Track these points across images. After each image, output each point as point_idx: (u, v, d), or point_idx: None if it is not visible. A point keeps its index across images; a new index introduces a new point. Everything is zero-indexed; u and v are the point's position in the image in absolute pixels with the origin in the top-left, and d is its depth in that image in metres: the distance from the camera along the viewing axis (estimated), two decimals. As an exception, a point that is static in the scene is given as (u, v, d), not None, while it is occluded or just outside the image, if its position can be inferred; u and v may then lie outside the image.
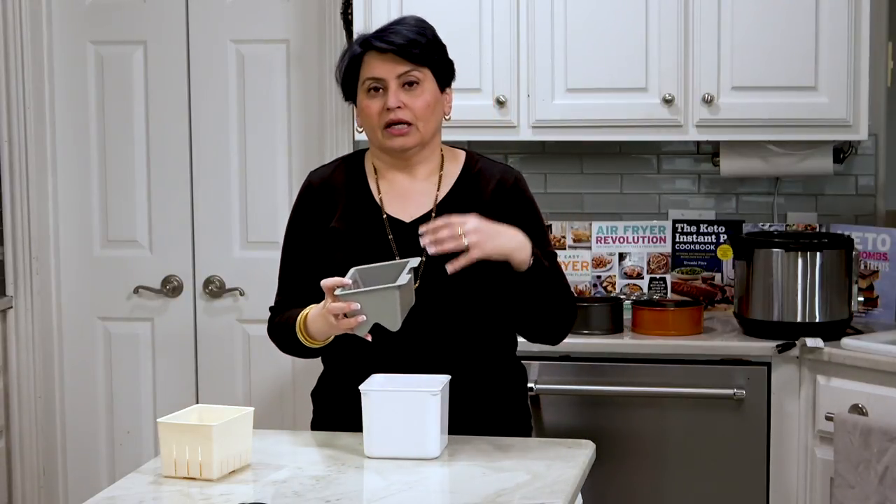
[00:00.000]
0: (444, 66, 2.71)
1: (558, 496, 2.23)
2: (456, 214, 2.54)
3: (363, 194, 2.73)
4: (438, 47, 2.70)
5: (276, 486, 2.30)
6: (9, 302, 4.32)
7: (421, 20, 2.72)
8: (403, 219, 2.69)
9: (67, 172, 4.42)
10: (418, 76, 2.64)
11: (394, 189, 2.73)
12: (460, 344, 2.66)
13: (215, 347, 4.42)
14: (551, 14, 3.81)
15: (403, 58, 2.63)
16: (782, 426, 3.59)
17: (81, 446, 4.49)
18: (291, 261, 2.78)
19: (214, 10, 4.33)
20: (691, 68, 3.77)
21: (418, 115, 2.65)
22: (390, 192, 2.72)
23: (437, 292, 2.63)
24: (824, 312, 3.65)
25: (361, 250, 2.65)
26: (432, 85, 2.67)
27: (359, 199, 2.73)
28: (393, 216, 2.70)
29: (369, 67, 2.65)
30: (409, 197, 2.71)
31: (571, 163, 4.23)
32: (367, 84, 2.66)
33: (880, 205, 4.12)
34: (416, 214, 2.70)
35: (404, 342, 2.60)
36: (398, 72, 2.63)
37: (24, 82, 4.29)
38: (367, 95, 2.66)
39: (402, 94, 2.64)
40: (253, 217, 4.38)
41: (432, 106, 2.67)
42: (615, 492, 3.66)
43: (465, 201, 2.69)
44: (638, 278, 4.16)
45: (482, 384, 2.69)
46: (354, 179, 2.75)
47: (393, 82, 2.63)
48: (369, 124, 2.68)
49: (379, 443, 2.45)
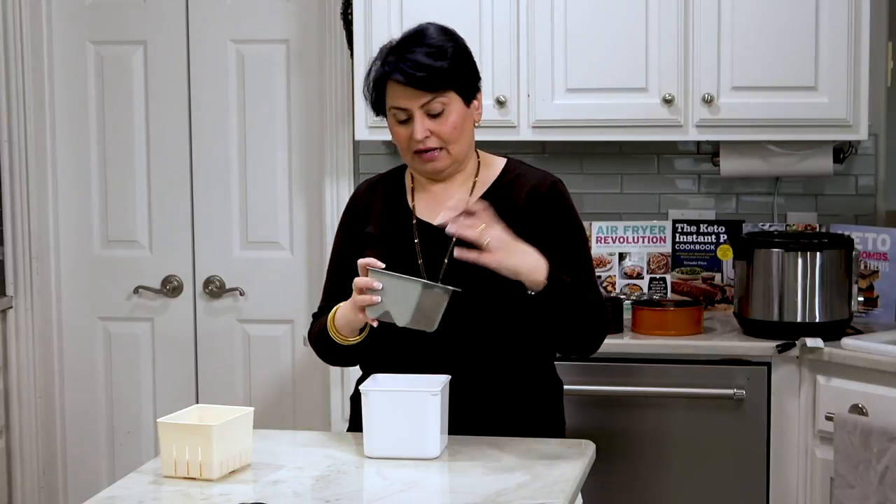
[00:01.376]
0: (469, 82, 2.65)
1: (558, 496, 2.23)
2: (491, 212, 2.50)
3: (399, 201, 2.74)
4: (461, 66, 2.63)
5: (276, 486, 2.30)
6: (9, 302, 4.32)
7: (442, 32, 2.65)
8: (432, 221, 2.67)
9: (67, 172, 4.42)
10: (443, 102, 2.59)
11: (428, 196, 2.73)
12: (492, 352, 2.63)
13: (215, 347, 4.42)
14: (551, 14, 3.81)
15: (425, 90, 2.58)
16: (782, 426, 3.59)
17: (81, 446, 4.49)
18: (334, 270, 2.79)
19: (214, 10, 4.33)
20: (691, 68, 3.77)
21: (447, 138, 2.62)
22: (423, 199, 2.73)
23: (470, 301, 2.59)
24: (824, 312, 3.65)
25: (388, 252, 2.64)
26: (458, 105, 2.62)
27: (394, 206, 2.74)
28: (422, 220, 2.70)
29: (392, 96, 2.61)
30: (442, 202, 2.68)
31: (571, 163, 4.23)
32: (394, 113, 2.62)
33: (880, 205, 4.12)
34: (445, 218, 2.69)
35: (438, 348, 2.59)
36: (421, 102, 2.58)
37: (24, 82, 4.29)
38: (395, 122, 2.63)
39: (429, 122, 2.60)
40: (253, 217, 4.38)
41: (461, 126, 2.63)
42: (615, 492, 3.66)
43: (497, 205, 2.62)
44: (638, 278, 4.16)
45: (515, 393, 2.66)
46: (393, 188, 2.77)
47: (417, 112, 2.59)
48: (400, 149, 2.67)
49: (379, 443, 2.45)
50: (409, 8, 3.83)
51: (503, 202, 2.67)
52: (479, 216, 2.48)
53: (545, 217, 2.67)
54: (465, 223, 2.47)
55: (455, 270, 2.60)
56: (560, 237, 2.66)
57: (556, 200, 2.70)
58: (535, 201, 2.68)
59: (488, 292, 2.60)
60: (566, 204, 2.71)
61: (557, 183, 2.72)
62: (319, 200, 4.29)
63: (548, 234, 2.65)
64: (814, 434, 3.55)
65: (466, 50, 2.67)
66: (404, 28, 3.74)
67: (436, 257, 2.65)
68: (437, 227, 2.63)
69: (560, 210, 2.69)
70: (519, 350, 2.68)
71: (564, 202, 2.71)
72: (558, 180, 2.73)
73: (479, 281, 2.57)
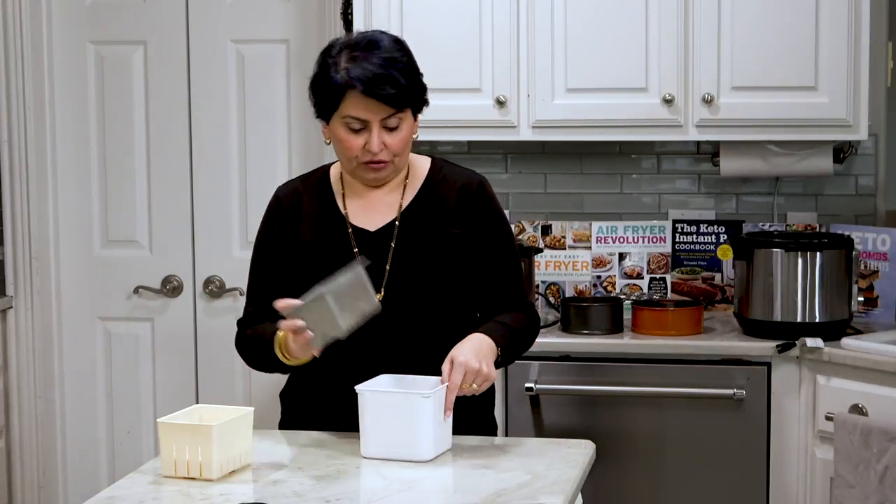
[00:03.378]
0: (422, 99, 2.68)
1: (558, 496, 2.23)
2: (466, 357, 2.51)
3: (329, 206, 2.74)
4: (419, 83, 2.65)
5: (276, 486, 2.30)
6: (9, 302, 4.31)
7: (396, 44, 2.63)
8: (368, 228, 2.71)
9: (67, 172, 4.42)
10: (401, 117, 2.61)
11: (359, 201, 2.73)
12: (425, 348, 2.65)
13: (215, 347, 4.42)
14: (551, 14, 3.81)
15: (389, 105, 2.58)
16: (782, 426, 3.59)
17: (81, 446, 4.49)
18: (260, 273, 2.79)
19: (214, 10, 4.33)
20: (691, 68, 3.77)
21: (396, 151, 2.64)
22: (355, 204, 2.73)
23: (401, 297, 2.65)
24: (824, 312, 3.65)
25: (328, 262, 2.64)
26: (410, 120, 2.65)
27: (325, 212, 2.73)
28: (358, 226, 2.71)
29: (353, 107, 2.58)
30: (374, 207, 2.72)
31: (571, 163, 4.23)
32: (348, 122, 2.60)
33: (880, 205, 4.12)
34: (380, 223, 2.71)
35: (371, 345, 2.61)
36: (382, 115, 2.59)
37: (24, 82, 4.29)
38: (346, 130, 2.61)
39: (384, 135, 2.61)
40: (253, 217, 4.37)
41: (408, 140, 2.67)
42: (615, 492, 3.66)
43: (429, 209, 2.71)
44: (638, 278, 4.16)
45: None
46: (321, 192, 2.76)
47: (376, 125, 2.59)
48: (345, 156, 2.65)
49: (373, 443, 2.45)
50: (409, 8, 3.83)
51: (434, 203, 2.72)
52: (463, 377, 2.49)
53: (474, 218, 2.72)
54: (455, 387, 2.48)
55: (398, 276, 2.66)
56: (490, 239, 2.72)
57: (485, 202, 2.75)
58: (464, 202, 2.72)
59: (430, 297, 2.67)
60: (494, 205, 2.77)
61: (484, 183, 2.77)
62: (319, 200, 4.29)
63: (477, 235, 2.71)
64: (814, 434, 3.55)
65: (416, 64, 2.67)
66: (404, 28, 3.79)
67: (377, 265, 2.66)
68: (373, 234, 2.67)
69: (489, 212, 2.75)
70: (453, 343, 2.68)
71: (492, 203, 2.76)
72: (484, 180, 2.78)
73: (420, 286, 2.65)
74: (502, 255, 2.74)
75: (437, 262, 2.67)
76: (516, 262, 2.78)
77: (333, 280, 2.43)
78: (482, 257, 2.71)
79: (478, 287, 2.73)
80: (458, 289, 2.70)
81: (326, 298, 2.40)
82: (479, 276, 2.72)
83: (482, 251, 2.71)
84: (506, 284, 2.74)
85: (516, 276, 2.77)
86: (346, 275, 2.43)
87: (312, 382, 2.73)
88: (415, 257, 2.67)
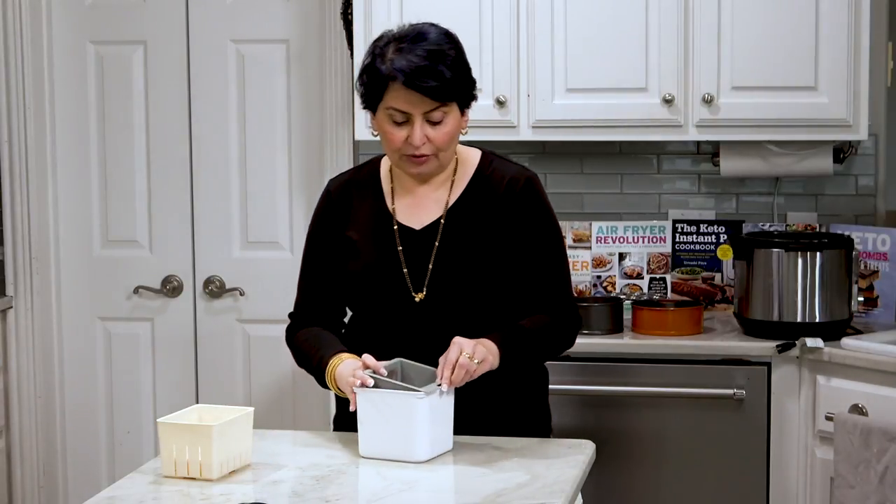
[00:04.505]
0: (469, 93, 2.65)
1: (558, 496, 2.23)
2: (464, 343, 2.50)
3: (377, 202, 2.74)
4: (465, 77, 2.62)
5: (276, 486, 2.30)
6: (9, 302, 4.32)
7: (445, 37, 2.63)
8: (414, 226, 2.69)
9: (67, 172, 4.42)
10: (445, 111, 2.59)
11: (406, 197, 2.72)
12: None
13: (215, 347, 4.42)
14: (551, 14, 3.81)
15: (432, 98, 2.57)
16: (782, 426, 3.59)
17: (81, 446, 4.49)
18: (310, 269, 2.80)
19: (214, 10, 4.33)
20: (691, 68, 3.77)
21: (440, 146, 2.62)
22: (403, 200, 2.72)
23: (443, 296, 2.65)
24: (824, 312, 3.65)
25: (372, 260, 2.67)
26: (456, 114, 2.63)
27: (373, 208, 2.73)
28: (403, 224, 2.70)
29: (395, 98, 2.58)
30: (421, 204, 2.71)
31: (571, 163, 4.23)
32: (391, 114, 2.60)
33: (880, 205, 4.12)
34: (426, 221, 2.69)
35: (412, 344, 2.60)
36: (425, 108, 2.57)
37: (24, 82, 4.29)
38: (390, 122, 2.61)
39: (427, 129, 2.59)
40: (253, 217, 4.38)
41: (454, 134, 2.64)
42: (615, 492, 3.66)
43: (476, 205, 2.69)
44: (638, 278, 4.16)
45: (499, 383, 2.66)
46: (370, 187, 2.76)
47: (419, 118, 2.58)
48: (389, 148, 2.65)
49: (370, 442, 2.46)
50: (409, 8, 3.83)
51: (481, 199, 2.70)
52: (460, 363, 2.47)
53: (521, 214, 2.69)
54: (457, 378, 2.47)
55: (440, 275, 2.64)
56: (534, 238, 2.69)
57: (532, 198, 2.71)
58: (511, 197, 2.69)
59: (472, 297, 2.65)
60: (542, 201, 2.72)
61: (533, 179, 2.73)
62: (319, 200, 4.29)
63: (523, 231, 2.67)
64: (814, 434, 3.55)
65: (465, 58, 2.66)
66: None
67: (420, 264, 2.66)
68: (418, 232, 2.66)
69: (536, 209, 2.70)
70: None
71: (541, 200, 2.72)
72: (534, 176, 2.74)
73: (463, 286, 2.63)
74: (546, 254, 2.69)
75: (481, 261, 2.64)
76: (561, 262, 2.73)
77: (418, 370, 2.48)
78: (526, 255, 2.67)
79: (520, 285, 2.69)
80: (500, 289, 2.66)
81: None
82: (522, 274, 2.67)
83: (526, 249, 2.66)
84: (547, 284, 2.69)
85: (559, 276, 2.71)
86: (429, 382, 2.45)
87: None
88: (458, 256, 2.65)
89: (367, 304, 2.72)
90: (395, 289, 2.66)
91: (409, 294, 2.65)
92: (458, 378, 2.46)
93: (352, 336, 2.76)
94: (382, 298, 2.68)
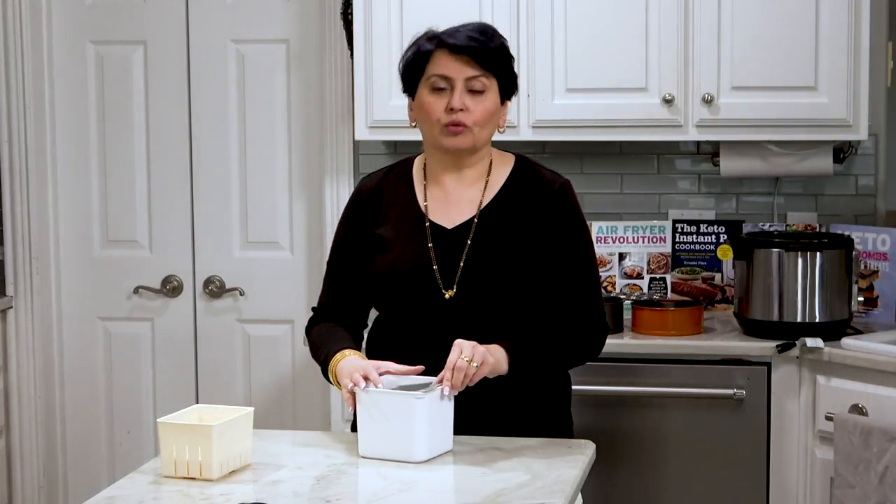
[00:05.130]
0: (509, 78, 2.70)
1: (558, 496, 2.23)
2: (469, 346, 2.51)
3: (409, 201, 2.74)
4: (507, 59, 2.69)
5: (276, 486, 2.30)
6: (9, 302, 4.32)
7: (492, 27, 2.72)
8: (446, 225, 2.70)
9: (67, 172, 4.42)
10: (485, 83, 2.64)
11: (439, 195, 2.73)
12: None
13: (215, 347, 4.42)
14: (551, 14, 3.81)
15: (475, 60, 2.62)
16: (782, 426, 3.59)
17: (81, 446, 4.49)
18: (337, 266, 2.80)
19: (214, 10, 4.33)
20: (691, 68, 3.77)
21: (477, 120, 2.64)
22: (436, 199, 2.73)
23: (472, 296, 2.64)
24: (824, 312, 3.65)
25: (403, 256, 2.68)
26: (495, 95, 2.66)
27: (405, 206, 2.74)
28: (436, 223, 2.70)
29: (439, 65, 2.64)
30: (454, 203, 2.72)
31: (571, 163, 4.23)
32: (433, 81, 2.64)
33: (880, 205, 4.12)
34: (458, 221, 2.70)
35: (439, 343, 2.59)
36: (467, 74, 2.62)
37: (24, 82, 4.29)
38: (431, 92, 2.65)
39: (467, 98, 2.63)
40: (253, 217, 4.38)
41: (491, 116, 2.66)
42: (615, 492, 3.66)
43: (509, 208, 2.69)
44: (638, 278, 4.16)
45: (522, 390, 2.67)
46: (402, 186, 2.77)
47: (460, 83, 2.62)
48: (428, 120, 2.66)
49: (369, 443, 2.45)
50: (409, 8, 3.83)
51: (514, 202, 2.71)
52: (459, 366, 2.48)
53: (554, 219, 2.69)
54: (457, 381, 2.47)
55: (471, 275, 2.64)
56: (566, 242, 2.69)
57: (565, 204, 2.72)
58: (544, 202, 2.70)
59: (502, 296, 2.65)
60: (574, 208, 2.73)
61: (567, 185, 2.74)
62: (319, 200, 4.29)
63: (555, 236, 2.68)
64: (814, 434, 3.55)
65: (511, 55, 2.72)
66: (404, 28, 3.79)
67: (451, 262, 2.66)
68: (450, 231, 2.67)
69: (568, 215, 2.71)
70: None
71: (573, 206, 2.73)
72: (567, 182, 2.75)
73: (493, 285, 2.63)
74: (575, 260, 2.69)
75: (512, 262, 2.64)
76: (590, 269, 2.72)
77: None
78: (556, 261, 2.67)
79: (548, 289, 2.69)
80: (529, 290, 2.66)
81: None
82: (551, 278, 2.68)
83: (556, 254, 2.67)
84: (575, 290, 2.69)
85: (588, 283, 2.71)
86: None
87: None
88: (490, 257, 2.65)
89: (395, 300, 2.71)
90: (424, 285, 2.66)
91: (439, 291, 2.65)
92: (456, 381, 2.46)
93: (379, 336, 2.77)
94: (412, 295, 2.68)
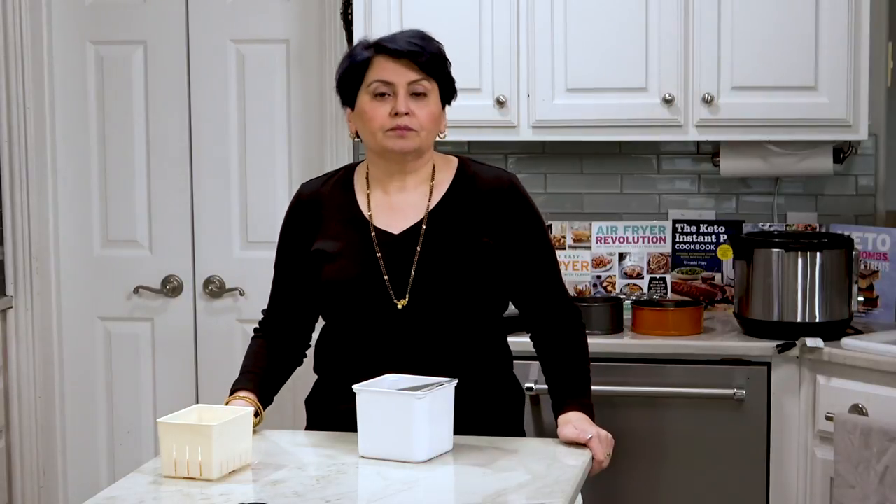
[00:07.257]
0: (448, 82, 2.69)
1: (558, 496, 2.23)
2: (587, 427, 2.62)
3: (351, 210, 2.70)
4: (445, 62, 2.69)
5: (276, 486, 2.30)
6: (9, 302, 4.32)
7: (428, 33, 2.70)
8: (392, 231, 2.66)
9: (67, 172, 4.42)
10: (427, 87, 2.62)
11: (384, 202, 2.69)
12: (448, 354, 2.63)
13: (215, 347, 4.42)
14: (551, 14, 3.81)
15: (416, 64, 2.61)
16: (782, 426, 3.59)
17: (81, 446, 4.49)
18: (280, 274, 2.79)
19: (214, 10, 4.33)
20: (691, 68, 3.77)
21: (423, 123, 2.62)
22: (380, 206, 2.69)
23: (426, 304, 2.62)
24: (824, 312, 3.65)
25: (350, 269, 2.64)
26: (437, 99, 2.66)
27: (347, 213, 2.70)
28: (381, 228, 2.66)
29: (379, 71, 2.62)
30: (399, 209, 2.68)
31: (571, 163, 4.23)
32: (374, 87, 2.62)
33: (880, 205, 4.12)
34: (405, 226, 2.66)
35: (394, 351, 2.60)
36: (409, 78, 2.61)
37: (24, 82, 4.29)
38: (373, 99, 2.62)
39: (411, 102, 2.61)
40: (253, 217, 4.38)
41: (434, 120, 2.65)
42: (615, 492, 3.66)
43: (458, 209, 2.67)
44: (638, 278, 4.16)
45: (474, 398, 2.64)
46: (344, 192, 2.73)
47: (402, 88, 2.60)
48: (370, 128, 2.63)
49: (369, 443, 2.45)
50: (408, 8, 3.83)
51: (463, 202, 2.68)
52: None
53: (507, 219, 2.67)
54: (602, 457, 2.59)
55: (423, 282, 2.62)
56: (525, 241, 2.68)
57: (518, 201, 2.70)
58: (496, 199, 2.68)
59: (457, 302, 2.63)
60: (528, 203, 2.72)
61: (515, 181, 2.72)
62: (319, 200, 4.29)
63: (511, 237, 2.67)
64: (814, 434, 3.55)
65: (446, 55, 2.70)
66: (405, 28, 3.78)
67: (401, 271, 2.63)
68: (398, 237, 2.65)
69: (522, 212, 2.70)
70: (480, 357, 2.69)
71: (526, 202, 2.72)
72: (515, 178, 2.74)
73: (447, 291, 2.61)
74: (539, 257, 2.69)
75: (466, 268, 2.62)
76: (553, 262, 2.73)
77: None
78: (518, 261, 2.67)
79: (515, 291, 2.69)
80: (485, 295, 2.65)
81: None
82: (517, 280, 2.68)
83: (518, 254, 2.66)
84: (544, 288, 2.70)
85: (554, 277, 2.72)
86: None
87: (336, 388, 2.68)
88: (442, 262, 2.62)
89: (345, 313, 2.68)
90: (375, 297, 2.62)
91: (390, 301, 2.61)
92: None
93: (328, 346, 2.74)
94: (363, 307, 2.64)
